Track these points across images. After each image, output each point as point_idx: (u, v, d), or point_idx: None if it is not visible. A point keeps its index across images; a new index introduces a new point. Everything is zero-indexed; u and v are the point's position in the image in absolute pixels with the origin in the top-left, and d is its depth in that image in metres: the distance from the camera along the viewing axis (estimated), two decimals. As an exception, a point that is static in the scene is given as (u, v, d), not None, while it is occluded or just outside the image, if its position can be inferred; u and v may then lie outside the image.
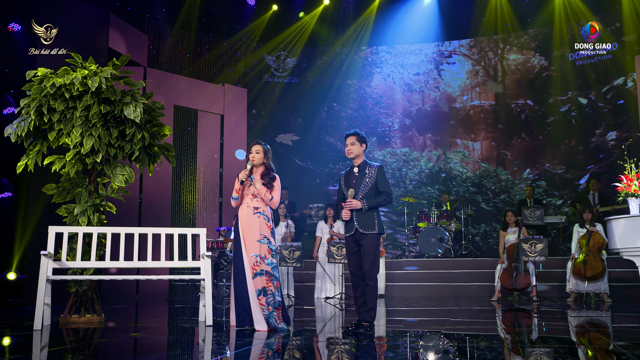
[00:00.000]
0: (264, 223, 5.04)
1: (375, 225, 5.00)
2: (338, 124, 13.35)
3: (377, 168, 5.09)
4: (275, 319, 4.89)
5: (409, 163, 13.10)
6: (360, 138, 5.13)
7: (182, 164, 11.21)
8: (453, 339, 4.42)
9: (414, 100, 13.32)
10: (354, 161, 5.16)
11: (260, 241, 4.98)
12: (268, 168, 5.21)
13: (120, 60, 5.56)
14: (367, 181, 5.03)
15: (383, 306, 7.88)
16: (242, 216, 5.08)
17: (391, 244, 12.67)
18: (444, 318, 6.07)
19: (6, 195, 7.29)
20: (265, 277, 4.92)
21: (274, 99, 13.30)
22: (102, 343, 4.27)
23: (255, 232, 4.99)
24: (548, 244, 8.66)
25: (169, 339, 4.51)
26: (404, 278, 10.14)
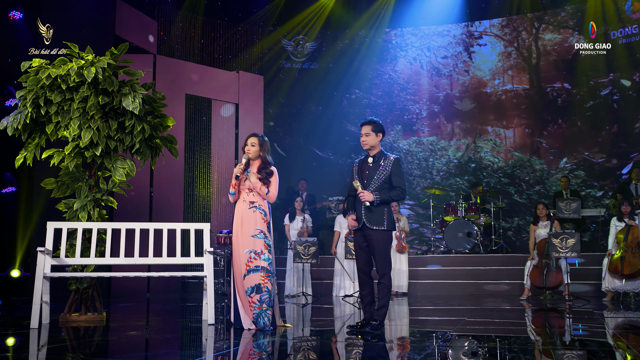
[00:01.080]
0: (260, 217, 5.12)
1: (384, 220, 4.94)
2: (360, 112, 13.32)
3: (394, 160, 5.02)
4: (266, 319, 4.95)
5: (436, 152, 13.01)
6: (376, 127, 5.06)
7: (195, 156, 11.34)
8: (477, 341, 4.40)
9: (441, 85, 13.20)
10: (369, 152, 5.10)
11: (255, 236, 5.06)
12: (265, 161, 5.27)
13: (119, 49, 5.66)
14: (381, 173, 4.96)
15: (405, 305, 7.90)
16: (238, 211, 5.18)
17: (417, 239, 12.62)
18: (469, 318, 6.06)
19: (9, 190, 7.51)
20: (261, 273, 4.99)
21: (292, 86, 13.34)
22: (94, 341, 4.39)
23: (251, 227, 5.08)
24: (582, 239, 8.51)
25: (163, 338, 4.60)
26: (428, 275, 10.11)
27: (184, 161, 10.92)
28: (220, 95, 11.66)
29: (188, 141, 11.15)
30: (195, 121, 11.45)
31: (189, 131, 11.23)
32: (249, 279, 4.96)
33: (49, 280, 5.34)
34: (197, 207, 11.25)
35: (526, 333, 5.02)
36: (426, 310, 7.07)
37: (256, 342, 4.32)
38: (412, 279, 9.82)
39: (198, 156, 11.37)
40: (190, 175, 11.17)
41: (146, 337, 4.62)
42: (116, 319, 6.03)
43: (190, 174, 11.19)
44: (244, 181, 5.18)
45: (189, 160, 11.18)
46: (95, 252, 5.58)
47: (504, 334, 4.85)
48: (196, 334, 4.82)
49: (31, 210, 7.54)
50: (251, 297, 4.94)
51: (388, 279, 4.93)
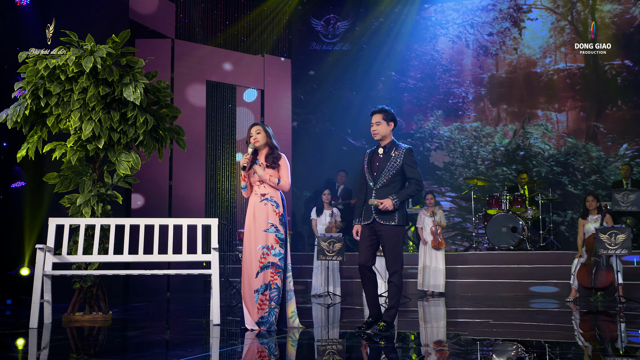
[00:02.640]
0: (272, 210, 5.20)
1: (395, 216, 4.98)
2: (397, 97, 13.29)
3: (405, 150, 5.07)
4: (273, 318, 5.05)
5: (480, 140, 12.88)
6: (387, 116, 5.14)
7: (218, 146, 11.56)
8: (522, 347, 4.38)
9: (486, 65, 13.04)
10: (380, 142, 5.16)
11: (267, 230, 5.15)
12: (272, 147, 5.39)
13: (120, 37, 5.84)
14: (392, 165, 5.02)
15: (443, 306, 7.92)
16: (250, 206, 5.29)
17: (459, 234, 12.55)
18: (512, 321, 6.04)
19: (19, 184, 7.85)
20: (271, 269, 5.10)
21: (322, 69, 13.40)
22: (88, 342, 4.59)
23: (263, 221, 5.17)
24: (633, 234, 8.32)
25: (160, 339, 4.77)
26: (468, 274, 10.07)
27: (206, 152, 11.14)
28: (245, 81, 11.83)
29: (210, 131, 11.37)
30: (217, 109, 11.66)
31: (211, 120, 11.44)
32: (262, 277, 5.08)
33: (50, 278, 5.60)
34: (220, 201, 11.47)
35: (573, 338, 4.95)
36: (465, 312, 7.05)
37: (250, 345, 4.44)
38: (450, 277, 9.79)
39: (221, 146, 11.58)
40: (212, 167, 11.39)
41: (142, 338, 4.80)
42: (123, 319, 6.27)
43: (213, 166, 11.41)
44: (253, 173, 5.28)
45: (211, 151, 11.40)
46: (98, 249, 5.81)
47: (549, 339, 4.77)
48: (197, 335, 4.98)
49: (40, 205, 7.87)
50: (265, 295, 5.05)
51: (399, 277, 4.98)
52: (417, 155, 12.64)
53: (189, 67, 10.98)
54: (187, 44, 11.16)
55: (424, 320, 6.45)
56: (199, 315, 6.50)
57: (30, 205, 7.94)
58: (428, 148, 13.05)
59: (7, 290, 7.70)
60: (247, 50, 12.26)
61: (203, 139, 11.08)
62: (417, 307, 7.90)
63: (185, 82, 10.95)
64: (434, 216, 9.64)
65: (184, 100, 10.83)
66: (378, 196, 5.01)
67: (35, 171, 7.78)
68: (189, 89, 10.99)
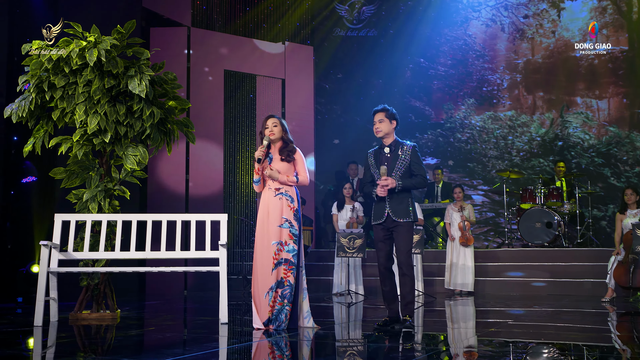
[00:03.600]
0: (287, 205, 5.32)
1: (409, 212, 5.26)
2: (426, 85, 13.27)
3: (412, 148, 5.36)
4: (283, 316, 5.15)
5: (515, 130, 12.80)
6: (389, 114, 5.39)
7: (237, 138, 11.70)
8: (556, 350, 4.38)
9: (521, 50, 12.94)
10: (383, 140, 5.41)
11: (281, 226, 5.26)
12: (287, 141, 5.50)
13: (126, 28, 5.99)
14: (401, 163, 5.29)
15: (471, 305, 7.93)
16: (263, 201, 5.39)
17: (492, 230, 12.51)
18: (545, 322, 6.04)
19: (30, 179, 8.12)
20: (284, 266, 5.21)
21: (346, 57, 13.45)
22: (91, 340, 4.76)
23: (277, 216, 5.28)
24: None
25: (162, 337, 4.92)
26: (499, 272, 10.05)
27: (224, 145, 11.29)
28: (264, 70, 11.95)
29: (228, 122, 11.52)
30: (236, 100, 11.80)
31: (229, 111, 11.59)
32: (275, 273, 5.18)
33: (56, 275, 5.80)
34: (239, 195, 11.63)
35: (610, 341, 4.91)
36: (495, 312, 7.04)
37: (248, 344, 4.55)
38: (479, 276, 9.79)
39: (240, 139, 11.73)
40: (231, 161, 11.55)
41: (143, 337, 4.95)
42: (132, 317, 6.45)
43: (232, 159, 11.57)
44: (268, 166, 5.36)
45: (230, 143, 11.55)
46: (105, 246, 5.99)
47: (585, 342, 4.75)
48: (200, 334, 5.11)
49: (52, 201, 8.11)
50: (277, 292, 5.16)
51: (412, 270, 5.25)
52: (447, 147, 12.84)
53: (206, 56, 11.14)
54: (203, 32, 11.31)
55: (451, 320, 6.48)
56: (210, 314, 6.64)
57: (42, 201, 8.20)
58: (459, 139, 13.01)
59: (19, 288, 7.97)
60: (267, 38, 12.35)
61: (221, 131, 11.24)
62: (444, 306, 7.92)
63: (202, 72, 11.12)
64: (463, 211, 9.64)
65: (201, 91, 10.99)
66: (391, 194, 5.24)
67: (45, 166, 8.03)
68: (205, 79, 11.15)
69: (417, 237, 8.65)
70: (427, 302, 8.22)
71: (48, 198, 8.24)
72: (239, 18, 12.29)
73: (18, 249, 8.20)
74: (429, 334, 5.47)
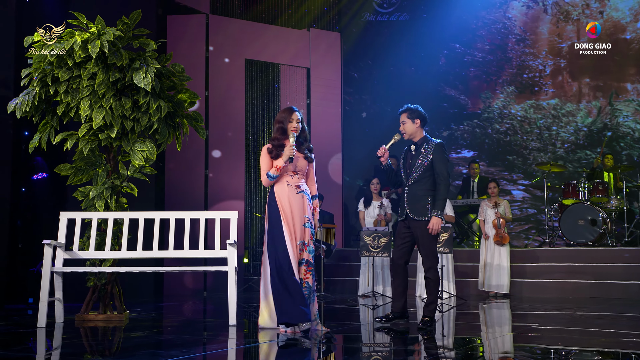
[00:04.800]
0: (307, 204, 5.51)
1: (427, 210, 5.62)
2: (462, 72, 13.26)
3: (435, 146, 5.73)
4: None
5: (559, 119, 12.71)
6: (412, 114, 5.82)
7: (259, 132, 11.86)
8: (598, 358, 4.39)
9: (565, 33, 12.83)
10: (412, 139, 5.84)
11: (304, 225, 5.45)
12: (306, 138, 5.67)
13: (131, 18, 6.18)
14: (421, 161, 5.70)
15: (507, 309, 7.94)
16: (282, 197, 5.45)
17: (534, 228, 12.45)
18: (587, 328, 6.02)
19: (40, 176, 8.40)
20: (304, 267, 5.40)
21: (377, 43, 13.49)
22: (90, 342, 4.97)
23: (301, 215, 5.45)
24: None
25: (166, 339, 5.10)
26: (538, 273, 10.01)
27: (245, 137, 11.46)
28: (288, 59, 12.07)
29: (250, 115, 11.69)
30: (258, 90, 11.95)
31: (250, 102, 11.75)
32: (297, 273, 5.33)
33: (61, 275, 6.03)
34: (262, 191, 11.78)
35: None
36: (534, 316, 7.04)
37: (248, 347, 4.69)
38: (516, 277, 9.78)
39: (262, 132, 11.89)
40: (252, 155, 11.71)
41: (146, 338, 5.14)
42: (141, 318, 6.66)
43: (253, 153, 11.73)
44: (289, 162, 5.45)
45: (251, 136, 11.72)
46: (113, 245, 6.21)
47: (633, 350, 4.70)
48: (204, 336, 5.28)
49: (63, 198, 8.38)
50: None
51: (435, 272, 5.65)
52: (484, 139, 12.81)
53: (226, 44, 11.31)
54: (223, 19, 11.48)
55: (485, 324, 6.50)
56: (223, 315, 6.78)
57: (53, 198, 8.47)
58: (497, 130, 12.97)
59: (30, 289, 8.26)
60: (290, 24, 12.46)
61: (242, 124, 11.40)
62: (478, 309, 7.95)
63: (222, 61, 11.29)
64: (497, 207, 9.63)
65: (220, 81, 11.18)
66: (410, 193, 5.73)
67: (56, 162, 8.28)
68: (225, 69, 11.33)
69: (446, 235, 8.70)
70: (459, 305, 8.25)
71: (59, 195, 8.51)
72: (260, 3, 12.42)
73: (29, 248, 8.48)
74: (462, 338, 5.52)
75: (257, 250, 11.60)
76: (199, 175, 10.91)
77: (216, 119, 11.08)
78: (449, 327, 6.18)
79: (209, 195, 10.93)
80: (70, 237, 6.23)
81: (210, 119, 11.00)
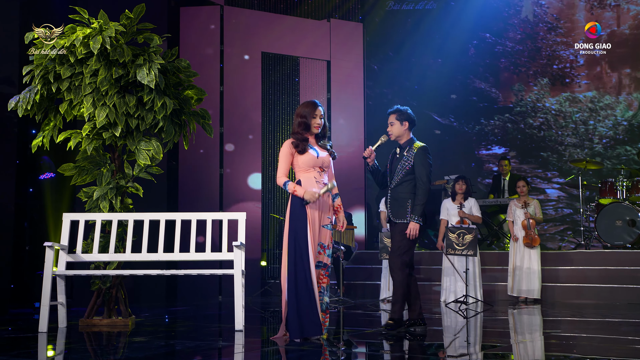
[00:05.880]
0: (330, 204, 5.55)
1: (407, 213, 5.85)
2: (492, 63, 13.27)
3: (418, 149, 5.96)
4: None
5: (597, 112, 12.64)
6: (400, 116, 6.05)
7: (277, 128, 12.00)
8: None
9: (604, 20, 12.76)
10: (399, 142, 6.10)
11: (326, 226, 5.48)
12: (325, 134, 5.68)
13: (135, 13, 6.33)
14: (404, 164, 5.95)
15: (538, 315, 7.94)
16: None
17: (570, 229, 12.40)
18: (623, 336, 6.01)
19: (47, 176, 8.63)
20: (322, 270, 5.43)
21: (402, 34, 13.53)
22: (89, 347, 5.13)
23: (324, 215, 5.47)
24: None
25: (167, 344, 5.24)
26: (571, 277, 9.98)
27: (262, 134, 11.59)
28: (306, 52, 12.17)
29: (266, 110, 11.82)
30: (275, 84, 12.07)
31: (267, 98, 11.87)
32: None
33: (64, 279, 6.22)
34: (281, 191, 11.90)
35: None
36: (567, 323, 7.02)
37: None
38: (548, 281, 9.77)
39: (280, 128, 12.01)
40: (270, 153, 11.85)
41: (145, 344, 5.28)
42: (147, 323, 6.82)
43: (271, 151, 11.87)
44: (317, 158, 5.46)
45: (268, 133, 11.85)
46: (117, 247, 6.38)
47: None
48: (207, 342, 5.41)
49: (71, 199, 8.59)
50: None
51: (399, 274, 5.86)
52: (516, 134, 12.79)
53: (241, 36, 11.44)
54: (239, 10, 11.63)
55: (514, 331, 6.46)
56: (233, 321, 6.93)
57: (60, 199, 8.69)
58: (530, 125, 12.95)
59: (36, 292, 8.47)
60: (309, 15, 12.54)
61: (259, 120, 11.54)
62: (507, 315, 7.97)
63: (237, 54, 11.43)
64: (527, 207, 9.63)
65: (236, 76, 11.32)
66: (392, 195, 5.99)
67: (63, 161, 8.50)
68: (241, 62, 11.47)
69: (470, 237, 8.73)
70: (486, 311, 8.28)
71: (67, 196, 8.72)
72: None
73: (36, 250, 8.71)
74: (488, 345, 5.51)
75: (274, 253, 11.73)
76: (214, 174, 11.06)
77: (231, 115, 11.23)
78: (476, 334, 6.19)
79: (224, 195, 11.07)
80: (74, 239, 6.41)
81: (225, 115, 11.15)
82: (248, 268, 10.72)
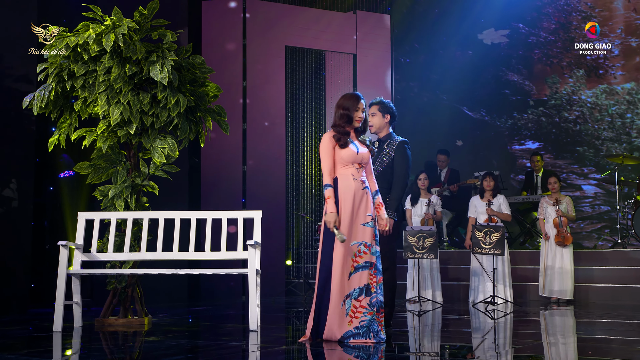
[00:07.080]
0: (370, 201, 5.50)
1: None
2: (525, 55, 13.22)
3: (398, 143, 6.08)
4: (377, 326, 5.30)
5: (635, 105, 12.52)
6: (383, 108, 6.17)
7: (301, 124, 12.10)
8: None
9: (642, 8, 12.66)
10: (378, 135, 6.21)
11: (366, 224, 5.38)
12: (365, 128, 5.69)
13: (149, 9, 6.48)
14: (383, 158, 6.06)
15: (571, 316, 7.93)
16: (348, 192, 5.37)
17: (608, 227, 12.33)
18: None
19: (67, 174, 8.85)
20: (369, 270, 5.34)
21: (430, 25, 13.55)
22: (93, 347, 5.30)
23: (363, 213, 5.41)
24: None
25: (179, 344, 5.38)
26: (607, 277, 9.94)
27: (286, 131, 11.71)
28: (331, 45, 12.24)
29: (290, 105, 11.93)
30: (300, 79, 12.16)
31: (291, 93, 11.98)
32: (356, 278, 5.31)
33: (79, 278, 6.41)
34: (305, 187, 12.02)
35: None
36: (602, 325, 6.99)
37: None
38: (581, 281, 9.75)
39: (305, 123, 12.11)
40: (294, 149, 11.96)
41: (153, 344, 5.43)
42: (164, 323, 6.99)
43: (295, 147, 11.98)
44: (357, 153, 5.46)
45: (293, 129, 11.96)
46: (133, 246, 6.55)
47: None
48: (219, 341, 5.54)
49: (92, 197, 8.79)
50: (359, 301, 5.29)
51: (387, 274, 5.96)
52: (551, 128, 12.73)
53: (264, 29, 11.56)
54: (261, 3, 11.74)
55: (546, 333, 6.44)
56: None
57: (79, 198, 8.90)
58: (566, 118, 12.88)
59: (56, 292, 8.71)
60: (334, 7, 12.61)
61: (282, 116, 11.65)
62: (539, 316, 7.98)
63: (260, 48, 11.55)
64: (559, 205, 9.62)
65: (259, 70, 11.44)
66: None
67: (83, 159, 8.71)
68: (264, 56, 11.59)
69: (497, 235, 8.74)
70: (516, 311, 8.28)
71: (85, 195, 8.93)
72: (302, -16, 12.62)
73: (56, 250, 8.90)
74: (519, 347, 5.45)
75: (300, 252, 11.84)
76: (237, 171, 11.19)
77: (254, 111, 11.35)
78: (505, 336, 6.20)
79: (247, 192, 11.20)
80: (90, 238, 6.60)
81: (248, 111, 11.27)
82: (273, 267, 10.92)
